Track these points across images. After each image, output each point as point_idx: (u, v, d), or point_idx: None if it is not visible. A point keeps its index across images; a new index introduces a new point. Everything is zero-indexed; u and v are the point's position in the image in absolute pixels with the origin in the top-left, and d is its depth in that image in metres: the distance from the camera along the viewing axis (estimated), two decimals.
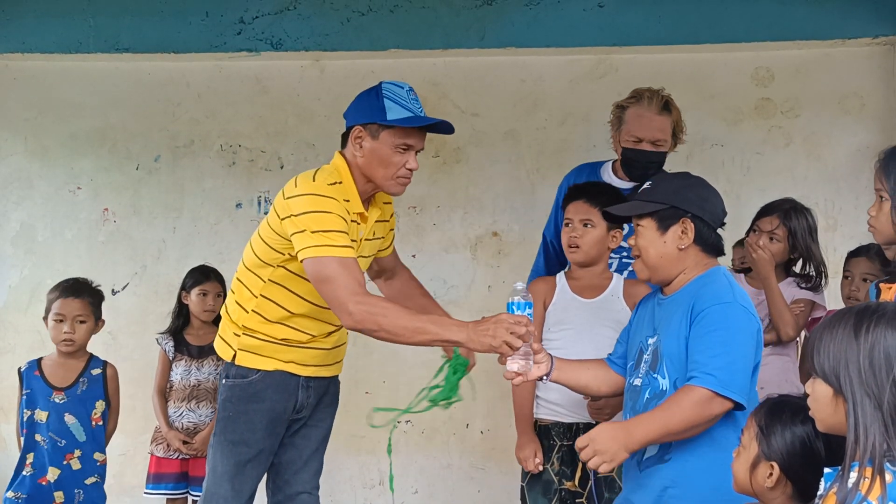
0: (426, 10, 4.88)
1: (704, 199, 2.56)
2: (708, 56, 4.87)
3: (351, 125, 2.95)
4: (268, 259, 2.96)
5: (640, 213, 2.58)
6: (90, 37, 4.96)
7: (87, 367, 3.96)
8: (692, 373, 2.38)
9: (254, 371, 2.99)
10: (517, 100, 4.99)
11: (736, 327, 2.40)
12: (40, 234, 5.15)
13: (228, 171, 5.10)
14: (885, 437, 1.70)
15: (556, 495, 3.08)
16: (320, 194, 2.82)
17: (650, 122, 3.42)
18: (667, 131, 3.43)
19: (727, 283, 2.49)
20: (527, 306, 2.53)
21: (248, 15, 4.92)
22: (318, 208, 2.79)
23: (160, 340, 4.45)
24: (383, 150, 2.89)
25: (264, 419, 3.00)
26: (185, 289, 4.46)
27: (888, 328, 1.75)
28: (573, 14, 4.80)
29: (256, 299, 2.98)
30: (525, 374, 2.58)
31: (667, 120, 3.43)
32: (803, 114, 4.85)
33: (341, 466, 4.75)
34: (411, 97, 2.93)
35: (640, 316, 2.70)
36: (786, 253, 3.61)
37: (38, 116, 5.17)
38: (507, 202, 4.97)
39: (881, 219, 2.41)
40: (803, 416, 1.96)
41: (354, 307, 2.68)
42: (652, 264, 2.56)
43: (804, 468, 1.99)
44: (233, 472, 2.99)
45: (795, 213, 3.60)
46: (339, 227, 2.79)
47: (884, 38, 4.73)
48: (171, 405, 4.37)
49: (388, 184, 2.95)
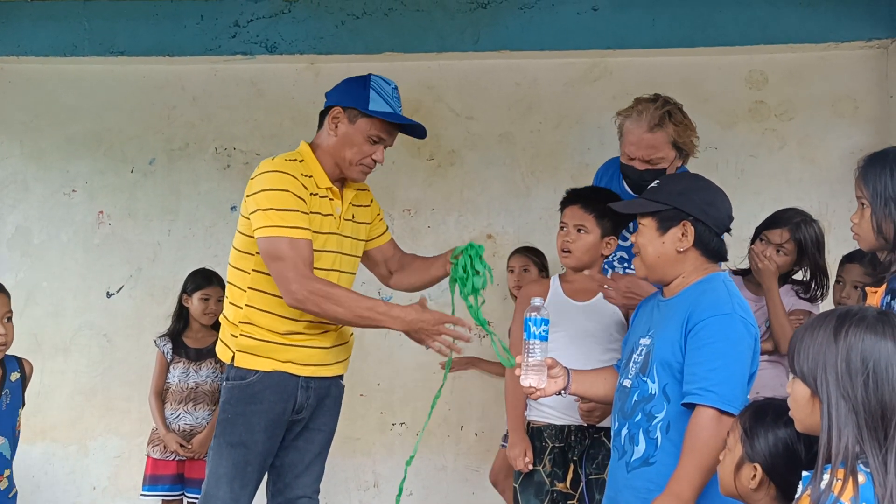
0: (421, 13, 4.89)
1: (709, 203, 2.54)
2: (702, 59, 4.87)
3: (331, 105, 3.06)
4: (246, 248, 3.02)
5: (642, 212, 2.59)
6: (86, 40, 4.98)
7: (6, 375, 3.39)
8: (689, 386, 2.37)
9: (252, 372, 2.99)
10: (512, 103, 5.00)
11: (735, 339, 2.38)
12: (36, 237, 5.16)
13: (224, 174, 5.11)
14: (859, 440, 1.72)
15: (548, 496, 3.09)
16: (277, 170, 2.94)
17: (640, 140, 3.29)
18: (661, 147, 3.28)
19: (726, 291, 2.47)
20: (543, 322, 2.51)
21: (242, 18, 4.93)
22: (273, 186, 2.90)
23: (158, 343, 4.46)
24: (356, 137, 3.02)
25: (263, 420, 3.00)
26: (186, 292, 4.48)
27: (867, 332, 1.77)
28: (567, 17, 4.82)
29: (246, 293, 3.01)
30: (542, 389, 2.58)
31: (660, 136, 3.27)
32: (797, 117, 4.86)
33: (336, 468, 4.74)
34: (395, 95, 3.07)
35: (640, 317, 2.71)
36: (791, 265, 3.57)
37: (34, 119, 5.18)
38: (501, 205, 4.97)
39: (863, 225, 2.44)
40: (786, 418, 1.98)
41: (297, 286, 2.81)
42: (649, 263, 2.57)
43: (787, 470, 2.00)
44: (232, 474, 2.99)
45: (805, 226, 3.54)
46: (293, 206, 2.89)
47: (877, 42, 4.74)
48: (168, 407, 4.38)
49: (351, 168, 3.06)
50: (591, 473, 3.08)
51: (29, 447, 5.00)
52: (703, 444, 2.31)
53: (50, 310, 5.12)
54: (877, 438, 1.72)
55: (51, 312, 5.12)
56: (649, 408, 2.48)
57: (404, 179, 4.97)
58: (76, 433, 5.09)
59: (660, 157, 3.29)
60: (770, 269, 3.47)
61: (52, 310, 5.12)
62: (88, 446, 5.09)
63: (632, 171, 3.36)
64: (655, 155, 3.28)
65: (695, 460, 2.32)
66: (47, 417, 5.07)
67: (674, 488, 2.34)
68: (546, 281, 3.31)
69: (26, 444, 4.96)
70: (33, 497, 5.02)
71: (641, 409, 2.49)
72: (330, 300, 2.82)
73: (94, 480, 5.08)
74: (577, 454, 3.09)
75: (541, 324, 2.51)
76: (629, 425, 2.53)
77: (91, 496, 5.07)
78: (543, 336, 2.52)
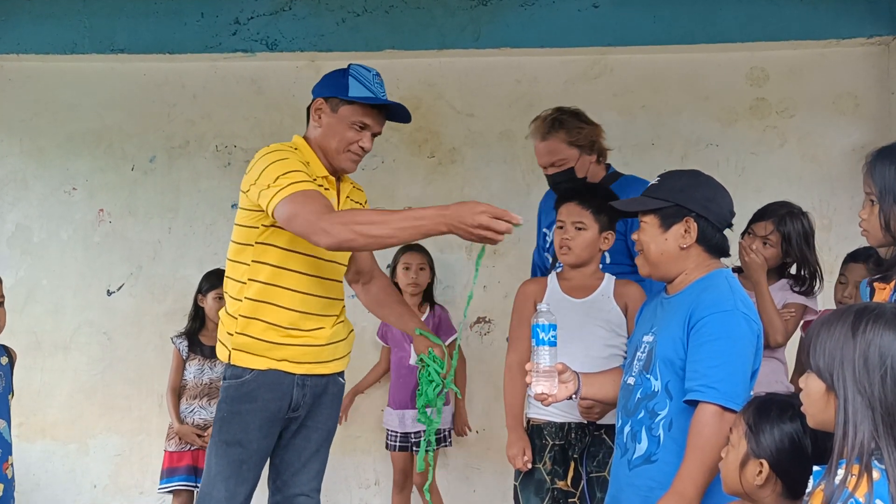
0: (421, 10, 4.88)
1: (710, 198, 2.54)
2: (702, 56, 4.87)
3: (314, 97, 3.08)
4: (244, 239, 3.01)
5: (644, 210, 2.58)
6: (85, 38, 4.97)
7: None
8: (692, 383, 2.37)
9: (247, 371, 2.99)
10: (512, 100, 4.99)
11: (736, 336, 2.38)
12: (36, 235, 5.15)
13: (224, 171, 5.10)
14: (875, 436, 1.71)
15: (549, 495, 3.08)
16: (275, 150, 2.94)
17: (538, 150, 3.57)
18: (557, 151, 3.49)
19: (728, 288, 2.46)
20: (551, 328, 2.50)
21: (243, 15, 4.93)
22: (273, 160, 2.88)
23: (175, 341, 4.58)
24: (340, 125, 3.02)
25: (258, 419, 2.99)
26: (200, 292, 4.62)
27: (886, 328, 1.76)
28: (568, 14, 4.81)
29: (245, 285, 3.00)
30: (554, 395, 2.56)
31: (554, 141, 3.50)
32: (798, 114, 4.86)
33: (337, 466, 4.74)
34: (376, 81, 3.06)
35: (644, 314, 2.70)
36: (779, 258, 3.57)
37: (34, 117, 5.17)
38: (502, 202, 4.81)
39: (872, 221, 2.41)
40: (791, 413, 1.98)
41: (325, 223, 2.70)
42: (653, 261, 2.56)
43: (793, 465, 2.00)
44: (227, 472, 2.98)
45: (791, 219, 3.55)
46: (296, 168, 2.86)
47: (878, 38, 4.74)
48: (183, 402, 4.54)
49: (339, 157, 3.04)
50: (592, 471, 3.07)
51: (29, 445, 5.00)
52: (706, 442, 2.30)
53: (50, 308, 5.12)
54: (893, 435, 1.72)
55: (51, 310, 5.12)
56: (652, 405, 2.47)
57: (405, 177, 4.96)
58: (76, 431, 5.09)
59: (561, 160, 3.51)
60: (757, 261, 3.48)
61: (52, 308, 5.12)
62: (88, 444, 5.09)
63: (549, 180, 3.60)
64: (556, 158, 3.50)
65: (698, 459, 2.31)
66: (47, 416, 5.08)
67: (678, 487, 2.34)
68: (543, 279, 3.30)
69: (26, 442, 4.99)
70: (33, 495, 5.02)
71: (644, 406, 2.49)
72: (364, 224, 2.69)
73: (94, 479, 5.08)
74: (577, 452, 3.09)
75: (549, 329, 2.50)
76: (632, 423, 2.53)
77: (91, 494, 5.07)
78: (552, 342, 2.50)
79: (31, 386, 5.02)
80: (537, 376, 2.52)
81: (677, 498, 2.33)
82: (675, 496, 2.33)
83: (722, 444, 2.26)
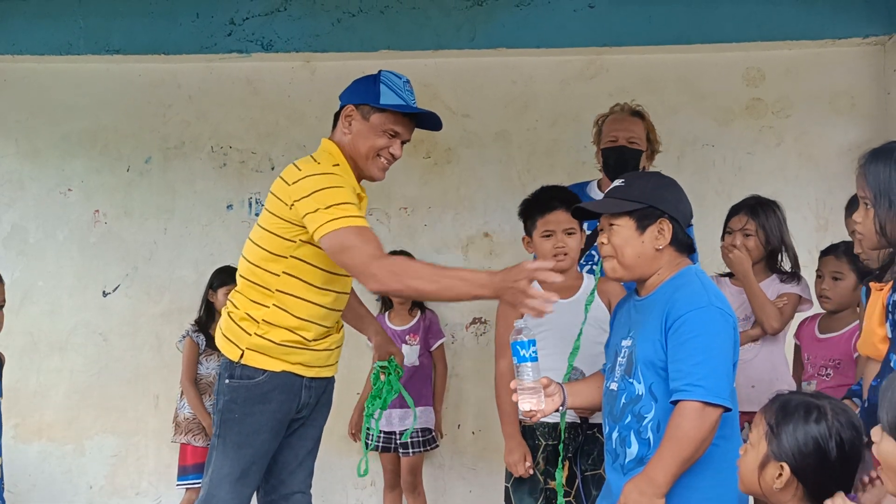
0: (417, 10, 4.88)
1: (679, 199, 2.56)
2: (699, 56, 4.87)
3: (344, 104, 3.04)
4: (278, 250, 2.94)
5: (617, 212, 2.55)
6: (81, 38, 4.96)
7: None
8: (676, 383, 2.36)
9: (260, 372, 2.96)
10: (508, 100, 4.99)
11: (714, 331, 2.38)
12: (32, 236, 5.15)
13: (219, 172, 5.10)
14: None
15: (542, 495, 3.08)
16: (328, 172, 2.88)
17: (622, 121, 3.78)
18: (638, 133, 3.75)
19: (700, 284, 2.46)
20: (530, 344, 2.48)
21: (238, 16, 4.92)
22: (328, 185, 2.83)
23: (192, 334, 4.60)
24: (371, 132, 2.98)
25: (270, 421, 2.98)
26: (212, 287, 4.64)
27: None
28: (564, 15, 4.81)
29: (274, 295, 2.95)
30: (542, 410, 2.54)
31: (638, 122, 3.79)
32: (794, 114, 4.86)
33: (333, 467, 4.74)
34: (407, 88, 3.04)
35: (618, 319, 2.69)
36: (761, 248, 3.63)
37: (29, 118, 5.17)
38: (498, 203, 4.96)
39: (867, 225, 2.37)
40: (817, 414, 1.90)
41: (377, 269, 2.71)
42: (629, 264, 2.53)
43: (816, 470, 1.91)
44: (236, 474, 2.96)
45: (762, 208, 3.65)
46: (350, 200, 2.83)
47: (874, 38, 4.74)
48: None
49: (369, 164, 3.01)
50: (587, 470, 3.08)
51: (25, 446, 5.00)
52: (684, 434, 2.31)
53: (46, 309, 5.11)
54: None
55: (47, 311, 5.11)
56: (638, 409, 2.47)
57: (401, 177, 4.95)
58: (72, 432, 5.09)
59: (637, 139, 3.77)
60: (741, 256, 3.56)
61: (49, 309, 5.12)
62: (85, 445, 5.08)
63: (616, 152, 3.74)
64: (635, 136, 3.76)
65: (672, 448, 2.32)
66: (43, 416, 5.07)
67: (649, 472, 2.35)
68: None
69: (23, 443, 4.99)
70: (29, 496, 5.02)
71: (630, 410, 2.48)
72: (414, 278, 2.71)
73: (90, 479, 5.08)
74: (570, 451, 3.09)
75: (528, 346, 2.48)
76: (619, 428, 2.52)
77: (87, 495, 5.07)
78: (533, 357, 2.48)
79: (27, 387, 5.02)
80: (523, 393, 2.50)
81: (647, 481, 2.34)
82: (646, 479, 2.35)
83: (701, 437, 2.29)
